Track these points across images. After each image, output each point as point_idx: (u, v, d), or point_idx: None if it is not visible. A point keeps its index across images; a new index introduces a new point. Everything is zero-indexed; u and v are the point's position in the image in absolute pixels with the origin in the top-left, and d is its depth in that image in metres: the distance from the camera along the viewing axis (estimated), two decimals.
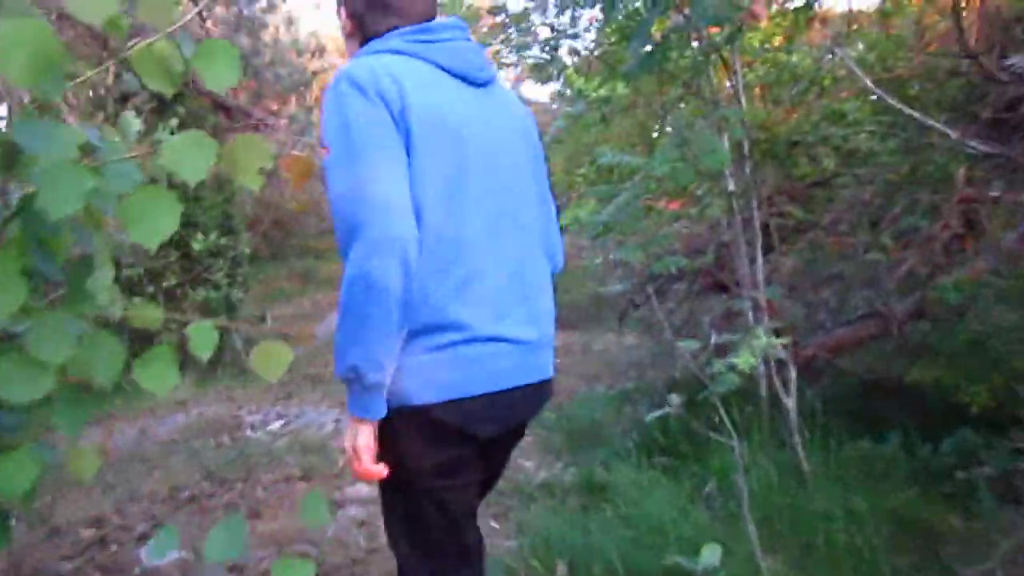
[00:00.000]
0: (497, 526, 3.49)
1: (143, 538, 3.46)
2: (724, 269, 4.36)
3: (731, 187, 3.63)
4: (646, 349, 6.75)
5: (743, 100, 3.54)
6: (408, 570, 1.68)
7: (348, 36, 1.66)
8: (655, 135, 5.16)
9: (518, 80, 25.81)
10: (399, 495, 1.62)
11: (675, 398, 2.95)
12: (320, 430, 4.61)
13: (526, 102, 2.11)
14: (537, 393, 1.62)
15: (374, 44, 1.56)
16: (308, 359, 8.78)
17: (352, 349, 1.38)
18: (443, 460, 1.53)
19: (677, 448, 3.73)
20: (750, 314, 3.59)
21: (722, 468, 3.36)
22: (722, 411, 2.75)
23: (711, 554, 2.21)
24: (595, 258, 12.63)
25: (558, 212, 1.83)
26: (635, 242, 3.52)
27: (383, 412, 1.45)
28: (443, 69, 1.54)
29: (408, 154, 1.42)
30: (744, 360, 2.50)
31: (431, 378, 1.46)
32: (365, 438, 1.46)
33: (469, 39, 1.62)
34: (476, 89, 1.58)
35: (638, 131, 5.32)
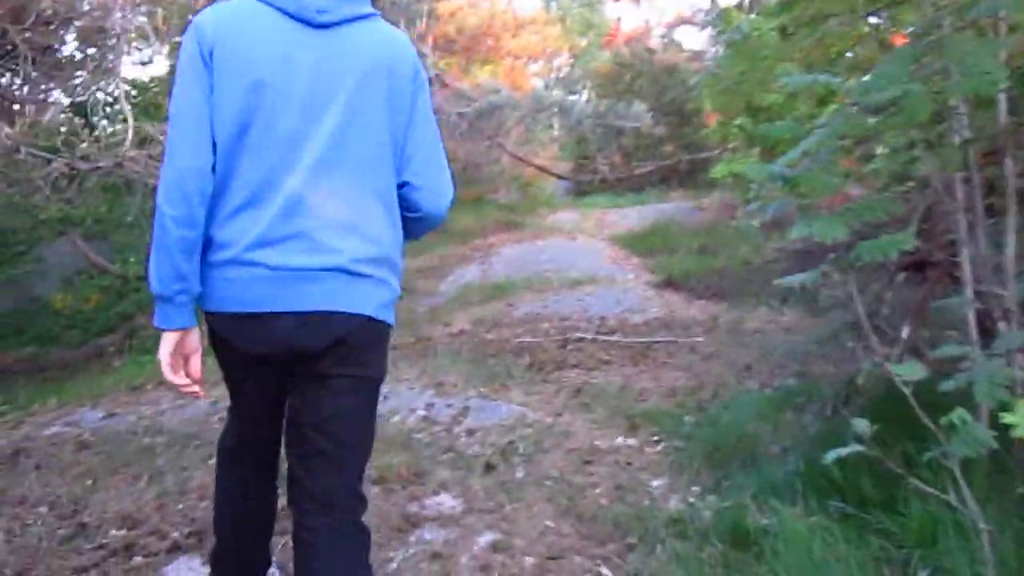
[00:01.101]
0: (609, 574, 2.64)
1: (174, 549, 2.82)
2: (936, 248, 3.27)
3: (965, 133, 2.54)
4: (811, 333, 5.64)
5: None
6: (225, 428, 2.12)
7: None
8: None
9: (671, 25, 24.28)
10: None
11: (862, 426, 1.99)
12: (407, 418, 3.88)
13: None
14: (317, 324, 1.68)
15: None
16: (428, 318, 8.18)
17: (151, 263, 1.66)
18: (228, 360, 1.83)
19: (859, 489, 2.74)
20: (971, 317, 2.53)
21: (928, 532, 2.36)
22: (959, 478, 1.77)
23: None
24: (750, 219, 11.38)
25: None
26: (825, 209, 2.48)
27: (174, 324, 1.68)
28: (284, 13, 1.66)
29: (212, 93, 1.63)
30: (1019, 417, 1.50)
31: (208, 290, 1.70)
32: (165, 347, 1.70)
33: None
34: (315, 30, 1.68)
35: (822, 53, 4.17)
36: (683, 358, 5.19)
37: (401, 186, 1.78)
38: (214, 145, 1.64)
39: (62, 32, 5.91)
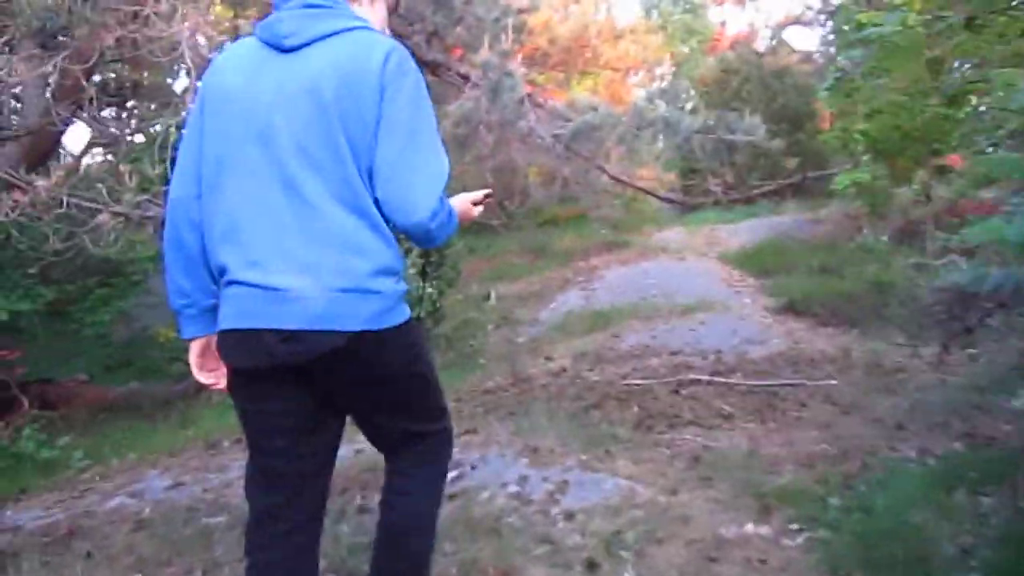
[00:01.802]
0: None
1: None
2: None
3: None
4: (970, 375, 4.85)
5: None
6: None
7: None
8: None
9: (780, 26, 23.14)
10: None
11: None
12: (496, 496, 3.35)
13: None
14: (300, 340, 1.68)
15: None
16: (528, 349, 7.70)
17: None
18: (232, 379, 1.85)
19: None
20: None
21: None
22: None
23: None
24: (879, 236, 10.41)
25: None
26: None
27: (186, 334, 1.91)
28: (263, 42, 1.79)
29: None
30: None
31: (220, 310, 1.82)
32: (191, 354, 1.94)
33: (304, 6, 1.77)
34: (283, 55, 1.76)
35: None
36: (817, 409, 4.50)
37: (375, 201, 1.74)
38: (201, 176, 1.79)
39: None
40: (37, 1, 3.85)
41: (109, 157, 8.68)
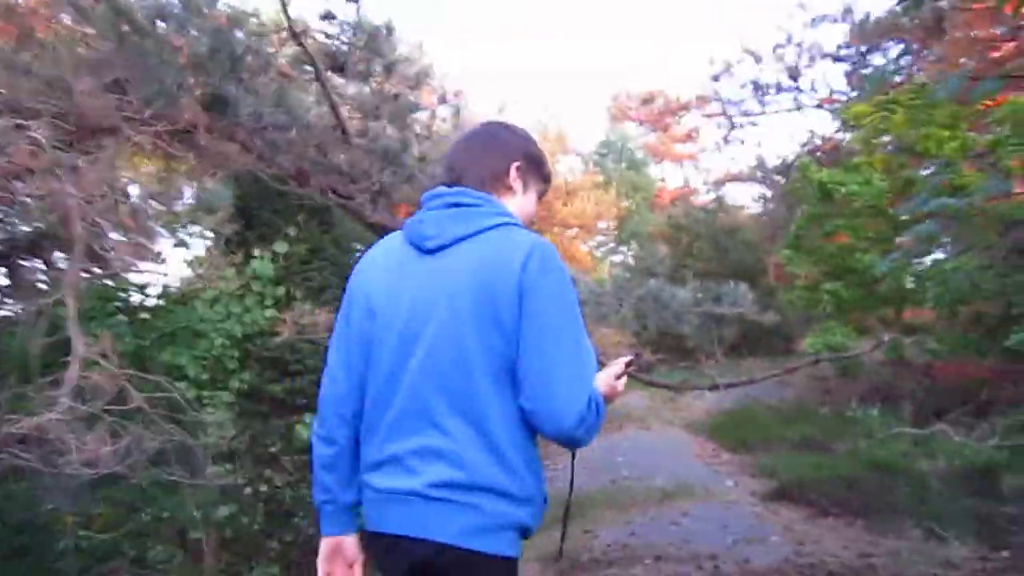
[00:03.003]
0: None
1: None
2: None
3: None
4: None
5: None
6: None
7: None
8: None
9: (719, 182, 23.51)
10: None
11: None
12: None
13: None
14: (398, 547, 1.69)
15: None
16: None
17: None
18: None
19: None
20: None
21: None
22: None
23: None
24: (850, 400, 9.70)
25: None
26: None
27: (323, 531, 1.85)
28: (408, 242, 1.79)
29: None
30: None
31: None
32: (320, 553, 1.87)
33: (448, 205, 1.77)
34: (425, 256, 1.75)
35: None
36: None
37: (521, 410, 1.68)
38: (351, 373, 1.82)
39: None
40: None
41: None
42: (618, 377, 1.86)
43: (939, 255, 10.36)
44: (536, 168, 1.91)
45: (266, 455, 4.77)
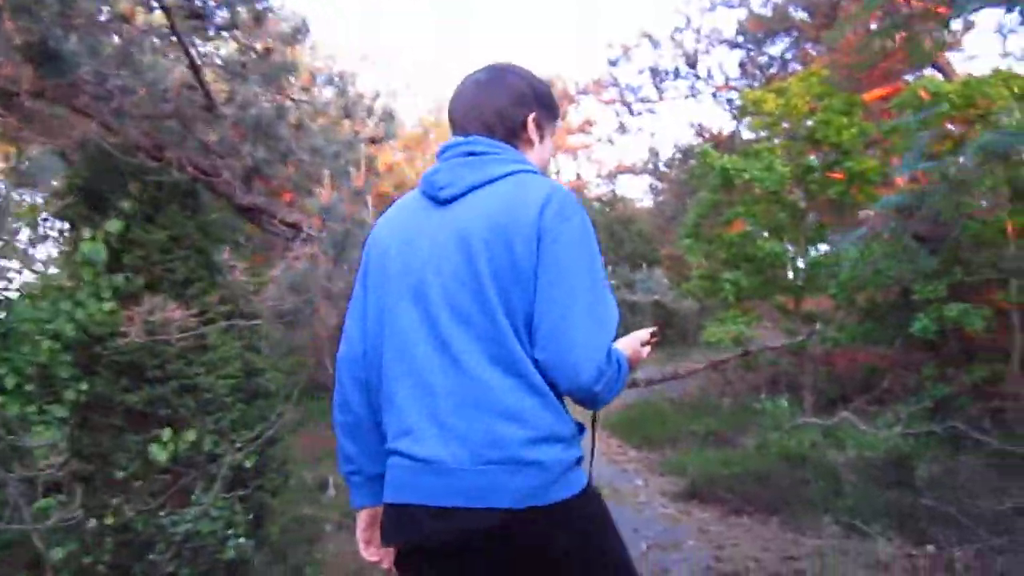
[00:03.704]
0: None
1: None
2: None
3: None
4: None
5: None
6: None
7: None
8: None
9: (612, 174, 23.50)
10: None
11: None
12: None
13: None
14: (452, 517, 1.51)
15: None
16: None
17: None
18: (394, 559, 1.69)
19: None
20: None
21: None
22: None
23: None
24: (750, 390, 9.55)
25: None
26: None
27: (355, 504, 1.78)
28: (424, 195, 1.71)
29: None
30: None
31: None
32: (358, 526, 1.80)
33: (463, 154, 1.68)
34: (440, 208, 1.66)
35: None
36: None
37: (535, 362, 1.53)
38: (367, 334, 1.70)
39: None
40: None
41: None
42: (643, 344, 1.76)
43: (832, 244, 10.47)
44: (548, 112, 1.80)
45: (116, 479, 4.01)
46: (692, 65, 12.73)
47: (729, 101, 13.40)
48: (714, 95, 13.50)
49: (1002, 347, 7.80)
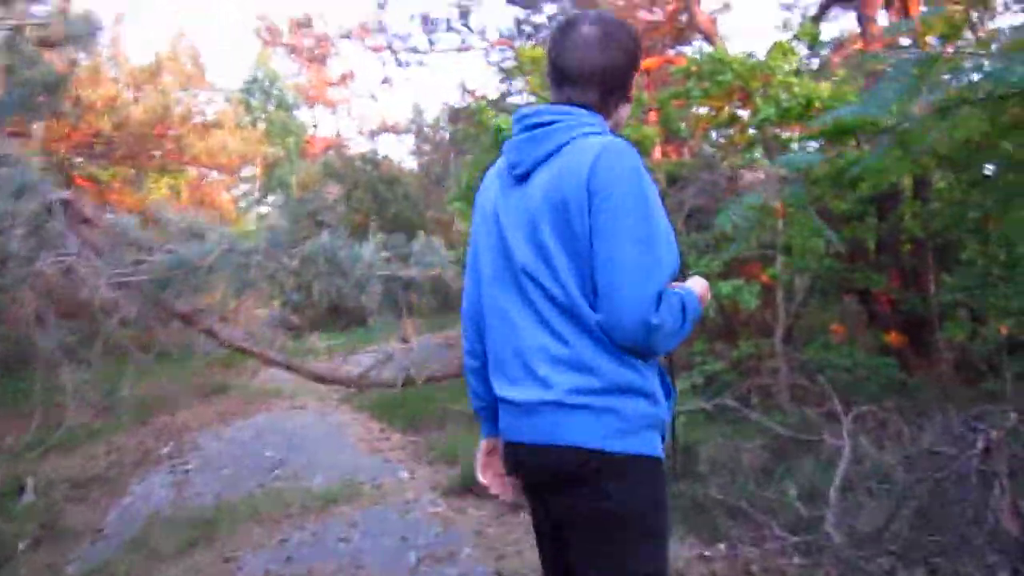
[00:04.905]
0: None
1: None
2: None
3: None
4: None
5: None
6: None
7: None
8: None
9: (374, 133, 22.13)
10: None
11: None
12: None
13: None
14: (543, 456, 1.74)
15: None
16: None
17: None
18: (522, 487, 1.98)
19: None
20: None
21: None
22: None
23: None
24: None
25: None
26: None
27: (485, 433, 2.06)
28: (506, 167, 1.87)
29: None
30: None
31: None
32: (478, 452, 2.10)
33: (529, 128, 1.79)
34: (517, 185, 1.81)
35: None
36: None
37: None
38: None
39: None
40: None
41: None
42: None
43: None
44: (638, 67, 1.87)
45: None
46: (464, 15, 12.01)
47: (500, 63, 12.85)
48: (486, 52, 12.88)
49: (766, 323, 7.89)
